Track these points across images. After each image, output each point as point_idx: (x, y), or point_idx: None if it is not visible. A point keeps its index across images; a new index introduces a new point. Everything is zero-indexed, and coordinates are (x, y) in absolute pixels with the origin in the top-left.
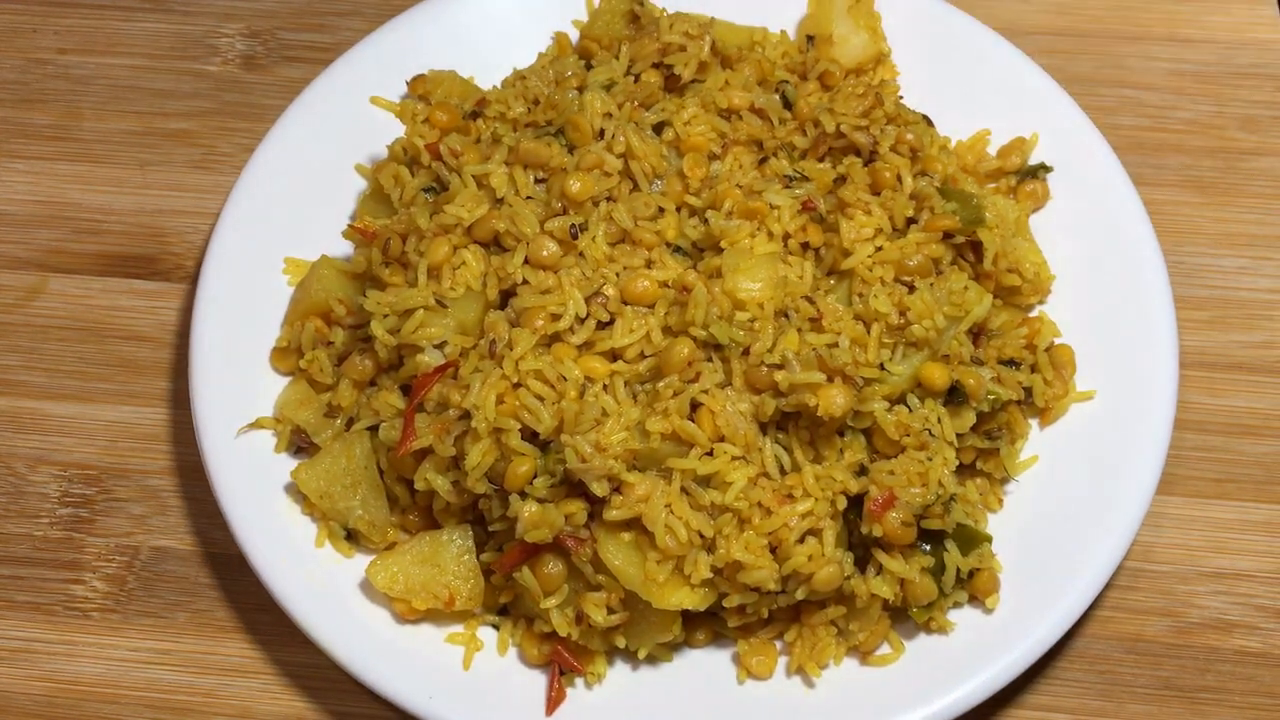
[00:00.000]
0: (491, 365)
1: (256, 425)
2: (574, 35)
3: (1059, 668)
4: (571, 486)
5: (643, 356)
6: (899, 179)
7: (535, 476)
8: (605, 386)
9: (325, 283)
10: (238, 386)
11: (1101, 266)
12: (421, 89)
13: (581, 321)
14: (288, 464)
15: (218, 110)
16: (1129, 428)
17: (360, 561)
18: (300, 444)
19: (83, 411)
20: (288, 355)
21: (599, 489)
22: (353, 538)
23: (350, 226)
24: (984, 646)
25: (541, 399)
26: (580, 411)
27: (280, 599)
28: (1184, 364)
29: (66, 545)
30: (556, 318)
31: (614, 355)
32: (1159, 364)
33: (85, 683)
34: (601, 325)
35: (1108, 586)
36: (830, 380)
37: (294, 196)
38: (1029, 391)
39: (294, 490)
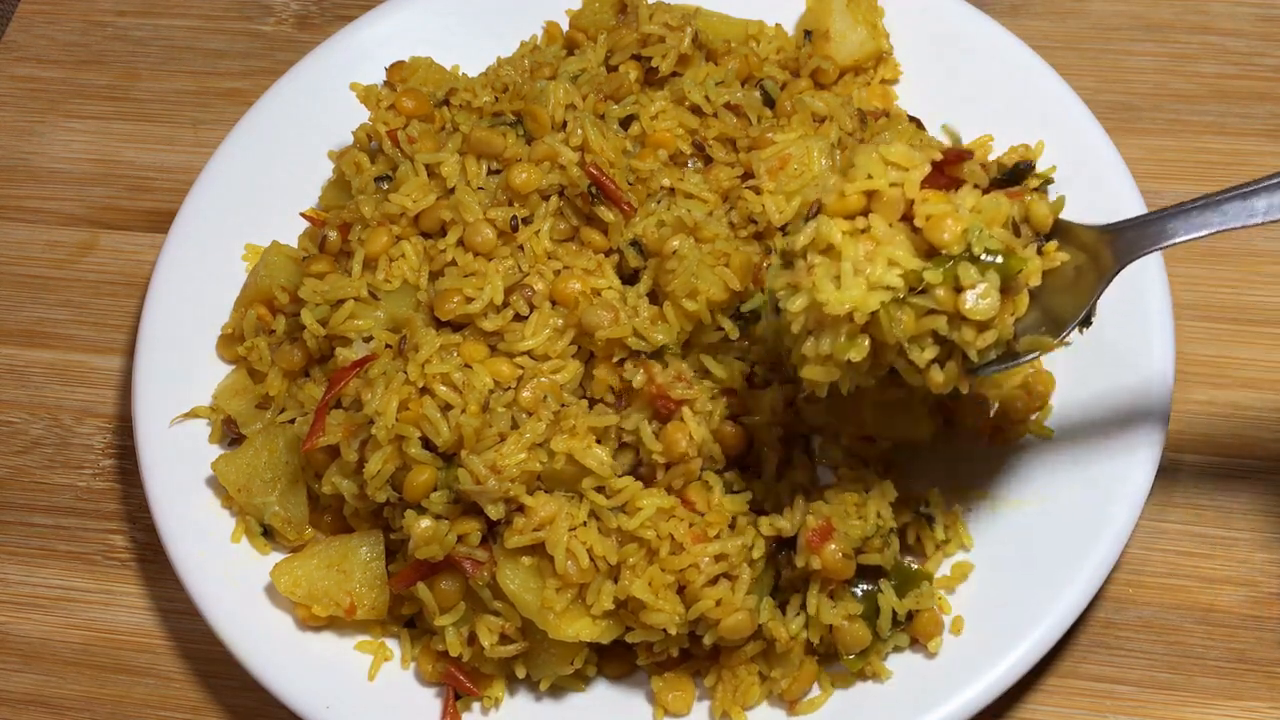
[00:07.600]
0: (397, 367)
1: (192, 414)
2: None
3: (1123, 637)
4: (470, 503)
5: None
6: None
7: (437, 488)
8: (511, 402)
9: (272, 269)
10: (182, 373)
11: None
12: (399, 76)
13: (498, 310)
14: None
15: (271, 69)
16: (1108, 480)
17: (277, 559)
18: (232, 435)
19: (129, 365)
20: (233, 342)
21: (494, 512)
22: (270, 534)
23: (302, 213)
24: (923, 695)
25: (450, 407)
26: (484, 425)
27: (192, 594)
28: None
29: (108, 496)
30: (471, 301)
31: (528, 358)
32: (1149, 414)
33: (122, 631)
34: (520, 318)
35: (1179, 553)
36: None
37: (266, 181)
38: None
39: (218, 482)
